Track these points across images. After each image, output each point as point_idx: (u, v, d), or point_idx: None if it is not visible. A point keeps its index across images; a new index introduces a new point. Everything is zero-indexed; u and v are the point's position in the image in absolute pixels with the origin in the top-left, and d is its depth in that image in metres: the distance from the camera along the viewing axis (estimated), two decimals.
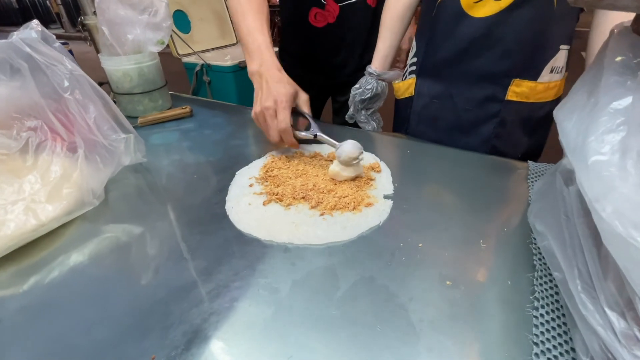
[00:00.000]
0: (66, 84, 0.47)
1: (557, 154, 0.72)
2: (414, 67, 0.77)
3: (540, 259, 0.41)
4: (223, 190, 0.56)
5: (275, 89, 0.58)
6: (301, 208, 0.51)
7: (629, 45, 0.34)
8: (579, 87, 0.40)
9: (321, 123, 0.68)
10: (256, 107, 0.60)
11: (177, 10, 1.73)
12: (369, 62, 0.81)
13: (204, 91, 1.76)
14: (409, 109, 0.79)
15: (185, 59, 1.74)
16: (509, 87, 0.65)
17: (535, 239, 0.44)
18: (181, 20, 1.75)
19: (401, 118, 0.83)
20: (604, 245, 0.30)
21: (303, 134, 0.61)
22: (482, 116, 0.69)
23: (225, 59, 1.67)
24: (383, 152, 0.67)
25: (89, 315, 0.36)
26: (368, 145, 0.69)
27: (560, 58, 0.65)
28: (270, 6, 0.74)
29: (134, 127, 0.80)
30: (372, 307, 0.36)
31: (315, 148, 0.68)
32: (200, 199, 0.55)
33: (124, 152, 0.56)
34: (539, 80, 0.65)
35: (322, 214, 0.49)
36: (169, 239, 0.46)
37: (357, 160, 0.54)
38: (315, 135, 0.60)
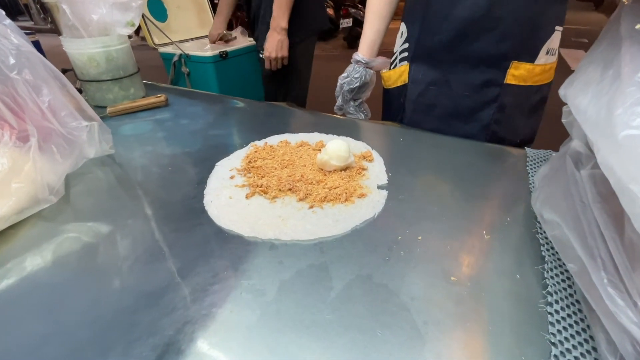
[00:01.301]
0: (12, 61, 0.40)
1: (547, 140, 0.71)
2: (405, 54, 0.72)
3: (548, 250, 0.38)
4: (201, 183, 0.51)
5: None
6: (288, 201, 0.46)
7: None
8: (587, 62, 0.37)
9: None
10: None
11: None
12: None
13: (183, 83, 1.67)
14: (403, 97, 0.74)
15: (162, 49, 1.65)
16: (508, 70, 0.62)
17: (541, 228, 0.41)
18: (157, 8, 1.65)
19: (394, 108, 0.78)
20: (628, 232, 0.27)
21: None
22: (481, 101, 0.66)
23: (205, 49, 1.59)
24: (374, 140, 0.63)
25: (39, 329, 0.31)
26: (358, 133, 0.65)
27: (555, 39, 0.63)
28: None
29: (102, 117, 0.74)
30: (370, 309, 0.32)
31: (302, 137, 0.63)
32: (175, 193, 0.49)
33: (87, 143, 0.50)
34: (536, 62, 0.62)
35: (311, 207, 0.45)
36: (138, 238, 0.41)
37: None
38: None
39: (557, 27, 0.62)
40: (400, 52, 0.74)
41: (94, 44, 0.72)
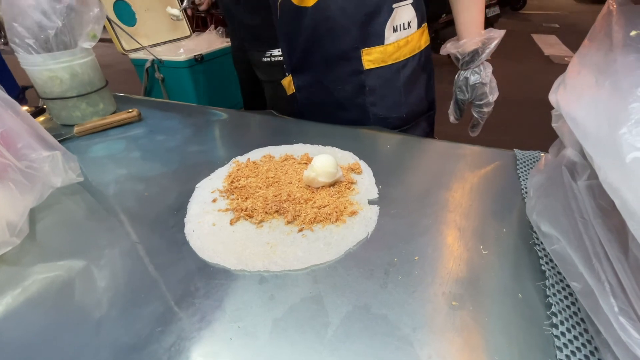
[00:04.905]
0: None
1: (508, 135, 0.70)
2: (285, 66, 0.78)
3: (547, 263, 0.37)
4: (181, 209, 0.48)
5: None
6: (276, 224, 0.43)
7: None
8: (577, 65, 0.36)
9: None
10: None
11: (119, 0, 1.55)
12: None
13: (158, 90, 1.60)
14: (297, 103, 0.80)
15: (133, 55, 1.57)
16: (362, 57, 0.66)
17: (538, 239, 0.40)
18: (124, 12, 1.57)
19: (294, 111, 0.84)
20: (634, 251, 0.26)
21: None
22: (353, 90, 0.71)
23: (179, 53, 1.53)
24: (361, 148, 0.60)
25: None
26: (344, 141, 0.63)
27: (400, 16, 0.64)
28: None
29: (69, 137, 0.69)
30: (371, 346, 0.30)
31: (285, 150, 0.61)
32: (153, 223, 0.46)
33: (51, 173, 0.45)
34: (386, 42, 0.65)
35: (300, 230, 0.42)
36: (114, 280, 0.38)
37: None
38: None
39: (395, 5, 0.63)
40: (285, 63, 0.79)
41: (54, 60, 0.66)
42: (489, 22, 4.60)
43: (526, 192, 0.47)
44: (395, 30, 0.65)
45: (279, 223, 0.44)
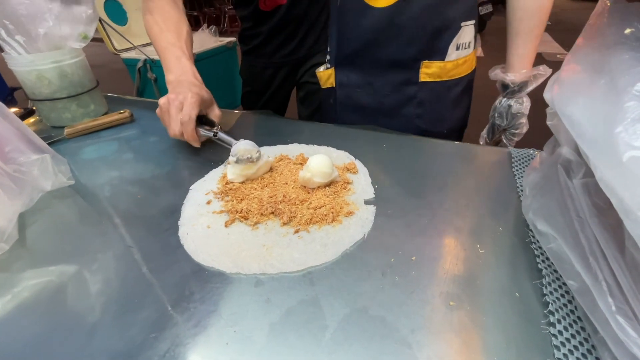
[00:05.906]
0: None
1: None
2: (329, 57, 0.75)
3: (544, 261, 0.37)
4: (175, 212, 0.47)
5: (188, 88, 0.57)
6: (271, 226, 0.43)
7: (635, 14, 0.29)
8: (571, 63, 0.36)
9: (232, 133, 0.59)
10: (163, 99, 0.57)
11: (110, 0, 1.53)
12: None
13: (151, 90, 1.58)
14: (333, 99, 0.77)
15: (125, 55, 1.55)
16: (420, 69, 0.66)
17: (534, 237, 0.40)
18: (115, 11, 1.55)
19: (326, 107, 0.81)
20: (630, 248, 0.26)
21: (203, 132, 0.58)
22: (402, 99, 0.70)
23: None
24: (356, 148, 0.60)
25: None
26: (339, 141, 0.62)
27: (464, 35, 0.65)
28: None
29: (59, 139, 0.68)
30: (369, 349, 0.29)
31: (280, 150, 0.60)
32: (147, 226, 0.45)
33: (40, 177, 0.44)
34: (447, 59, 0.65)
35: (296, 231, 0.42)
36: (107, 285, 0.37)
37: (255, 159, 0.50)
38: (216, 134, 0.57)
39: (463, 23, 0.63)
40: (328, 55, 0.76)
41: (43, 60, 0.65)
42: (482, 20, 4.62)
43: (522, 191, 0.48)
44: (457, 48, 0.65)
45: (275, 224, 0.43)
